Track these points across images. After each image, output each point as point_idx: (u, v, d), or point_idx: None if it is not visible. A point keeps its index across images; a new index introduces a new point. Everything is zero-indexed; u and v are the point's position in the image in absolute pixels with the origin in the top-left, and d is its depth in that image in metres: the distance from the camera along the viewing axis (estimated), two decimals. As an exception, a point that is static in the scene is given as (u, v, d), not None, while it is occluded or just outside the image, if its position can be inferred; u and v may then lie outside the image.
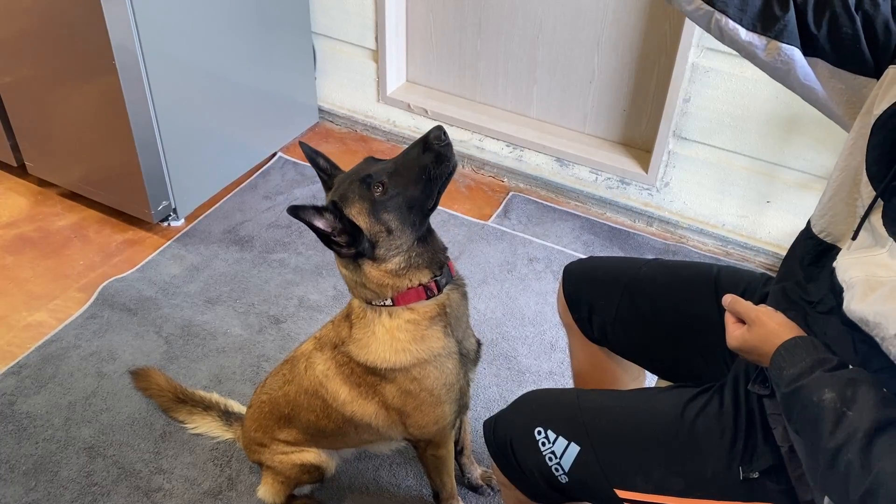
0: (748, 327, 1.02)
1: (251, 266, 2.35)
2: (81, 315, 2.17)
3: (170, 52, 2.20)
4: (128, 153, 2.24)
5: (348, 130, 2.99)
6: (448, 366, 1.35)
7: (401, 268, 1.26)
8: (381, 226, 1.22)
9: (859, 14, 1.00)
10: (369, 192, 1.21)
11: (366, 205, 1.21)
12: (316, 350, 1.45)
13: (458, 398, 1.40)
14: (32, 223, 2.50)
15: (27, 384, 1.97)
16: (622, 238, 2.51)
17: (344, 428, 1.47)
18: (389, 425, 1.43)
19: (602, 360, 1.48)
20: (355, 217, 1.21)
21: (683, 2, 1.10)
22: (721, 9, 1.07)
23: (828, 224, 1.05)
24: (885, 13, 1.00)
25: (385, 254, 1.24)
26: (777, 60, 1.07)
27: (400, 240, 1.24)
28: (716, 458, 1.08)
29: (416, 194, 1.22)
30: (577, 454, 1.13)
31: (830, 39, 1.03)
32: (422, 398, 1.36)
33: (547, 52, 2.53)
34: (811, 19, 1.04)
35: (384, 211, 1.21)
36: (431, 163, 1.21)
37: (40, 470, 1.77)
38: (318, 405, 1.45)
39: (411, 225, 1.24)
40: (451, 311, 1.33)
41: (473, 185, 2.74)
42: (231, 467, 1.79)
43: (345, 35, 2.77)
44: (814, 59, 1.06)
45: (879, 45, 1.00)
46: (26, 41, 2.21)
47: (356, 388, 1.39)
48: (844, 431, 0.84)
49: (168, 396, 1.83)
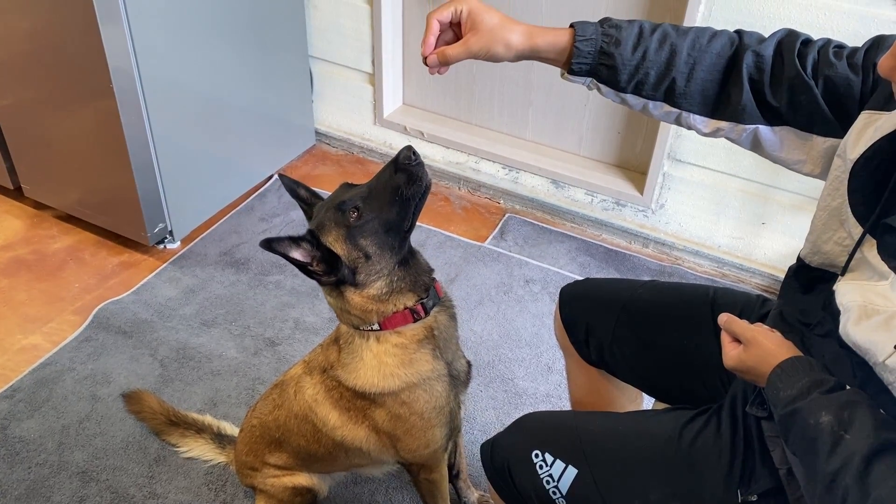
0: (745, 347, 1.02)
1: (247, 288, 2.35)
2: (76, 338, 2.15)
3: (167, 76, 2.21)
4: (124, 176, 2.24)
5: (345, 153, 3.00)
6: (437, 389, 1.34)
7: (383, 292, 1.25)
8: (359, 251, 1.21)
9: (821, 79, 1.03)
10: (345, 218, 1.20)
11: (342, 231, 1.20)
12: (305, 374, 1.44)
13: (448, 421, 1.39)
14: (28, 246, 2.50)
15: (20, 408, 1.95)
16: (618, 260, 2.51)
17: (334, 452, 1.45)
18: (381, 449, 1.42)
19: (599, 383, 1.48)
20: (332, 244, 1.21)
21: (652, 109, 1.14)
22: (686, 109, 1.12)
23: (821, 261, 1.07)
24: (843, 69, 1.03)
25: (366, 279, 1.23)
26: (743, 138, 1.13)
27: (379, 264, 1.23)
28: (714, 480, 1.08)
29: (391, 217, 1.21)
30: (574, 477, 1.13)
31: (792, 108, 1.06)
32: (412, 422, 1.35)
33: (542, 74, 2.55)
34: (769, 94, 1.07)
35: (361, 236, 1.20)
36: (404, 183, 1.20)
37: (33, 495, 1.75)
38: (309, 430, 1.44)
39: (390, 248, 1.23)
40: (439, 333, 1.32)
41: (469, 207, 2.75)
42: (226, 492, 1.77)
43: (341, 59, 2.79)
44: (781, 128, 1.10)
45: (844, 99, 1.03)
46: (24, 64, 2.22)
47: (346, 412, 1.38)
48: (842, 455, 0.84)
49: (160, 419, 1.82)
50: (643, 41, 1.09)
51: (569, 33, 1.10)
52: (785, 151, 1.12)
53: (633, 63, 1.09)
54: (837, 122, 1.04)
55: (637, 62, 1.09)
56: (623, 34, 1.09)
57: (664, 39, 1.09)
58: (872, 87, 1.01)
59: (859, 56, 1.03)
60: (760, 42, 1.08)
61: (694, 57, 1.08)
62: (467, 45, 1.11)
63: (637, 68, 1.09)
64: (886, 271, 0.92)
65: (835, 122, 1.04)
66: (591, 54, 1.09)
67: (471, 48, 1.10)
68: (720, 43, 1.09)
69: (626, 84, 1.11)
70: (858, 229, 0.97)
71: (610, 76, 1.11)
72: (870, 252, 0.95)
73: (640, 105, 1.14)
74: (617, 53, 1.09)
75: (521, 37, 1.10)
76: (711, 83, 1.09)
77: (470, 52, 1.11)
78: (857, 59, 1.03)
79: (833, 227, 1.02)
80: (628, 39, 1.08)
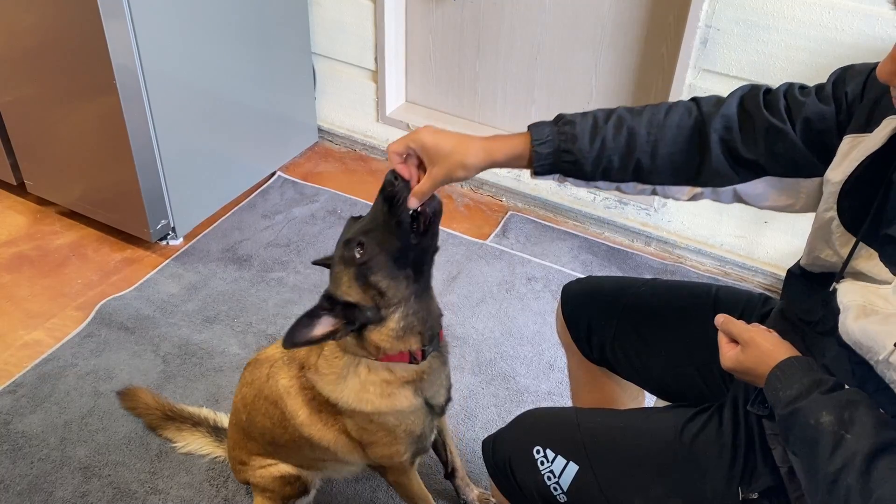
0: (742, 348, 1.02)
1: (249, 285, 2.35)
2: (79, 334, 2.16)
3: (170, 72, 2.21)
4: (127, 172, 2.24)
5: (347, 150, 3.00)
6: (410, 418, 1.34)
7: (400, 326, 1.21)
8: (373, 289, 1.17)
9: (798, 121, 1.04)
10: (352, 256, 1.16)
11: (352, 271, 1.16)
12: (282, 363, 1.42)
13: (416, 441, 1.39)
14: (31, 242, 2.50)
15: (23, 403, 1.96)
16: (620, 258, 2.51)
17: (299, 443, 1.44)
18: (348, 451, 1.42)
19: (601, 381, 1.48)
20: (348, 294, 1.17)
21: (625, 189, 1.16)
22: (658, 183, 1.15)
23: (820, 268, 1.07)
24: (814, 105, 1.04)
25: (385, 313, 1.20)
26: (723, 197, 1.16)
27: (395, 297, 1.19)
28: (715, 478, 1.08)
29: (395, 245, 1.15)
30: (575, 474, 1.13)
31: (772, 158, 1.07)
32: (379, 436, 1.36)
33: (545, 72, 2.55)
34: (744, 150, 1.08)
35: (370, 273, 1.16)
36: (390, 213, 1.14)
37: (35, 490, 1.76)
38: (277, 415, 1.43)
39: (405, 278, 1.18)
40: (427, 377, 1.32)
41: (472, 205, 2.75)
42: (227, 488, 1.77)
43: (345, 56, 2.79)
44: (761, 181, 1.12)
45: (823, 135, 1.04)
46: (28, 60, 2.22)
47: (317, 413, 1.38)
48: (843, 455, 0.84)
49: (156, 414, 1.82)
50: (599, 131, 1.09)
51: (526, 139, 1.11)
52: (771, 201, 1.16)
53: (594, 154, 1.10)
54: (820, 160, 1.05)
55: (597, 152, 1.10)
56: (578, 129, 1.09)
57: (620, 124, 1.10)
58: (848, 116, 1.02)
59: (828, 88, 1.05)
60: (720, 104, 1.10)
61: (654, 134, 1.09)
62: (431, 177, 1.12)
63: (599, 158, 1.10)
64: (889, 277, 0.93)
65: (817, 160, 1.05)
66: (551, 154, 1.10)
67: (435, 179, 1.11)
68: (678, 114, 1.10)
69: (593, 174, 1.12)
70: (846, 248, 0.98)
71: (575, 170, 1.12)
72: (866, 263, 0.96)
73: (613, 187, 1.16)
74: (575, 149, 1.09)
75: (478, 157, 1.11)
76: (678, 154, 1.10)
77: (435, 182, 1.12)
78: (827, 91, 1.05)
79: (823, 239, 1.04)
80: (584, 133, 1.09)
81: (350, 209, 2.66)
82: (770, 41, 2.05)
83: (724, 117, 1.08)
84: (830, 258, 1.03)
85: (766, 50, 2.07)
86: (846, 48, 1.95)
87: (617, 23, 2.35)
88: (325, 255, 2.38)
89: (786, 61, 2.06)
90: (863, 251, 0.97)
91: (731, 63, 2.14)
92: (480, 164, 1.11)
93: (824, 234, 1.02)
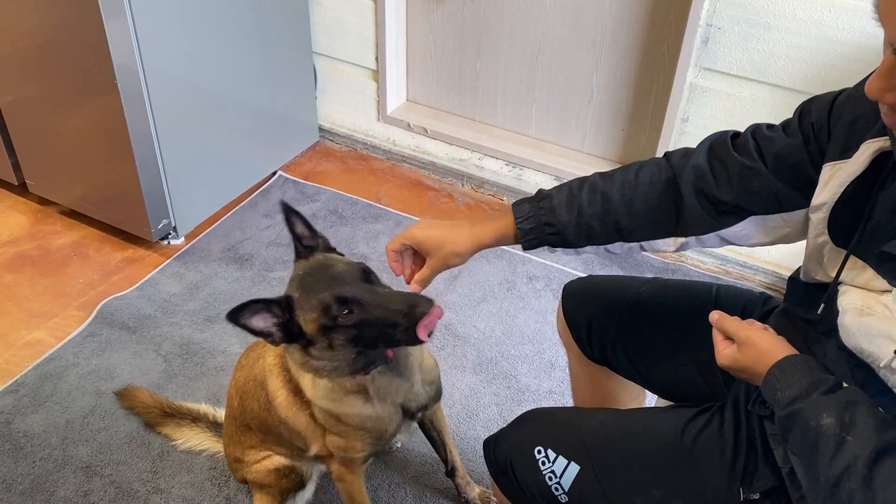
0: (738, 347, 1.01)
1: (251, 284, 2.35)
2: (80, 333, 2.16)
3: (171, 72, 2.21)
4: (128, 172, 2.24)
5: (348, 149, 3.00)
6: (367, 424, 1.34)
7: (326, 368, 1.22)
8: (327, 341, 1.16)
9: (769, 157, 1.07)
10: (335, 311, 1.13)
11: (324, 321, 1.14)
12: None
13: (373, 443, 1.39)
14: (32, 241, 2.51)
15: (25, 403, 1.96)
16: (622, 257, 2.51)
17: (279, 428, 1.45)
18: (316, 437, 1.42)
19: (602, 380, 1.48)
20: (304, 323, 1.15)
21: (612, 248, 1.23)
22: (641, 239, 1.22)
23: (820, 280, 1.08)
24: (782, 139, 1.07)
25: (317, 355, 1.19)
26: (709, 243, 1.22)
27: (340, 354, 1.19)
28: (716, 478, 1.08)
29: (373, 336, 1.15)
30: (576, 474, 1.13)
31: (749, 197, 1.10)
32: (338, 428, 1.36)
33: (546, 71, 2.55)
34: (721, 194, 1.11)
35: (337, 333, 1.15)
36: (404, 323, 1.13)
37: (37, 489, 1.76)
38: (262, 397, 1.44)
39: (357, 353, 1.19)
40: (374, 389, 1.31)
41: (473, 204, 2.75)
42: (229, 487, 1.78)
43: (345, 55, 2.79)
44: (745, 222, 1.16)
45: (798, 167, 1.06)
46: (29, 60, 2.22)
47: (293, 395, 1.39)
48: (845, 458, 0.84)
49: (154, 412, 1.83)
50: (574, 199, 1.16)
51: (509, 218, 1.19)
52: (756, 238, 1.21)
53: (573, 222, 1.16)
54: (801, 193, 1.07)
55: (576, 220, 1.16)
56: (555, 202, 1.17)
57: (594, 191, 1.16)
58: (817, 146, 1.04)
59: (794, 121, 1.08)
60: (688, 155, 1.14)
61: (627, 195, 1.15)
62: (431, 268, 1.21)
63: (579, 225, 1.16)
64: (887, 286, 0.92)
65: (797, 193, 1.08)
66: (534, 229, 1.17)
67: (434, 268, 1.21)
68: (648, 172, 1.16)
69: (577, 241, 1.19)
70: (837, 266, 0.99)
71: (559, 240, 1.19)
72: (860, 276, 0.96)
73: (602, 250, 1.23)
74: (556, 221, 1.16)
75: (466, 244, 1.19)
76: (654, 210, 1.15)
77: (435, 271, 1.21)
78: (793, 124, 1.08)
79: (817, 261, 1.04)
80: (560, 204, 1.16)
81: (351, 208, 2.66)
82: (771, 40, 2.05)
83: (694, 167, 1.12)
84: (825, 280, 1.04)
85: (766, 49, 2.07)
86: (847, 46, 1.95)
87: (618, 22, 2.35)
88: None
89: (786, 60, 2.06)
90: (857, 264, 0.97)
91: (732, 62, 2.14)
92: (471, 251, 1.20)
93: (817, 256, 1.03)
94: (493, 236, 1.20)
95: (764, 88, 2.14)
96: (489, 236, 1.20)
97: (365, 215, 2.65)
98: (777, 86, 2.11)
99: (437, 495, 1.76)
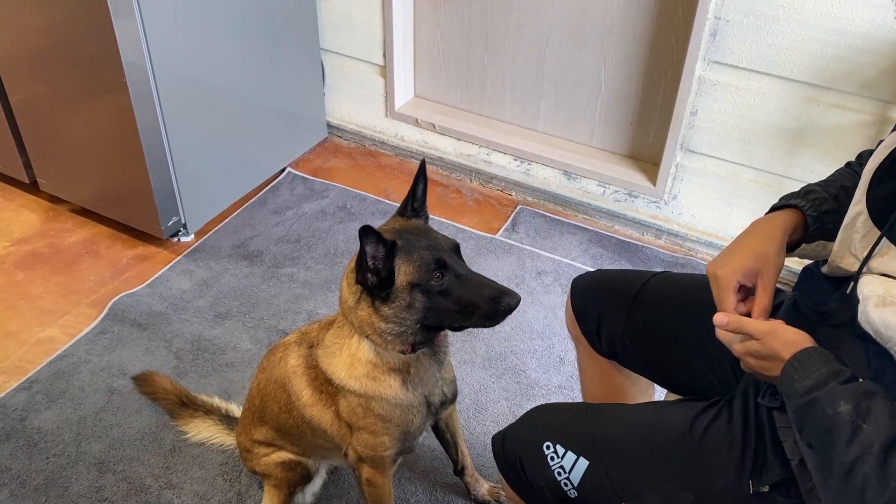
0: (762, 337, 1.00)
1: (260, 281, 2.36)
2: (92, 330, 2.18)
3: (180, 70, 2.22)
4: (138, 169, 2.26)
5: (357, 145, 3.00)
6: (395, 413, 1.35)
7: (390, 332, 1.25)
8: (410, 298, 1.20)
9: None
10: (431, 272, 1.19)
11: (416, 277, 1.19)
12: (296, 343, 1.45)
13: (400, 439, 1.40)
14: (44, 239, 2.52)
15: (38, 399, 1.98)
16: (630, 251, 2.51)
17: (302, 428, 1.46)
18: (341, 435, 1.43)
19: (611, 374, 1.48)
20: (398, 272, 1.19)
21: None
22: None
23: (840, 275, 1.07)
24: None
25: (388, 314, 1.23)
26: None
27: (409, 320, 1.23)
28: (725, 471, 1.08)
29: (453, 310, 1.21)
30: (586, 469, 1.13)
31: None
32: (366, 421, 1.36)
33: (554, 66, 2.54)
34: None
35: (423, 293, 1.20)
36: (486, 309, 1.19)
37: (51, 485, 1.78)
38: (284, 399, 1.45)
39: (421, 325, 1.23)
40: (415, 371, 1.33)
41: (481, 199, 2.75)
42: (240, 482, 1.79)
43: (353, 51, 2.79)
44: None
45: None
46: (39, 59, 2.24)
47: (318, 393, 1.40)
48: (860, 445, 0.84)
49: (173, 399, 1.85)
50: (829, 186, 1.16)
51: (792, 212, 1.14)
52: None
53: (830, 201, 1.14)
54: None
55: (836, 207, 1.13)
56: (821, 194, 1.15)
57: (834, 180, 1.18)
58: None
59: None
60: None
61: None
62: (767, 288, 1.09)
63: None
64: None
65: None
66: (817, 217, 1.13)
67: (768, 286, 1.09)
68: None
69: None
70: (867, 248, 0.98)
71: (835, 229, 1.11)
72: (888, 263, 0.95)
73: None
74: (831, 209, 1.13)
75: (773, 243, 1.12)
76: None
77: (771, 290, 1.09)
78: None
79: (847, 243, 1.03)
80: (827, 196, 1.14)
81: (360, 204, 2.67)
82: (780, 32, 2.04)
83: None
84: (851, 267, 1.03)
85: (775, 41, 2.06)
86: (857, 38, 1.94)
87: (625, 15, 2.34)
88: (336, 250, 2.38)
89: (796, 52, 2.04)
90: (885, 248, 0.96)
91: (741, 54, 2.12)
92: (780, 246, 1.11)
93: (848, 234, 1.02)
94: (782, 227, 1.13)
95: (773, 81, 2.13)
96: (779, 225, 1.13)
97: (374, 211, 2.65)
98: (786, 78, 2.10)
99: (447, 490, 1.77)
